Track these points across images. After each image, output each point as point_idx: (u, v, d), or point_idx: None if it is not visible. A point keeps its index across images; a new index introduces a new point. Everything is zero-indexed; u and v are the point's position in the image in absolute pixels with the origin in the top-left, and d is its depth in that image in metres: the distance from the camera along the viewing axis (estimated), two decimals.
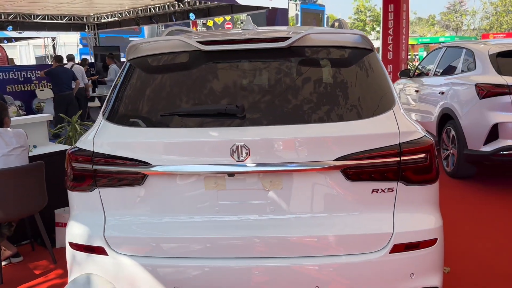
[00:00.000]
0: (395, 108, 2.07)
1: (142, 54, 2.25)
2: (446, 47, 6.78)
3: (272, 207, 2.00)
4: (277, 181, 1.98)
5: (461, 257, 3.52)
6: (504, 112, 4.85)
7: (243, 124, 1.97)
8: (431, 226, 2.04)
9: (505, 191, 5.09)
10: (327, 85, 2.12)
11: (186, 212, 2.03)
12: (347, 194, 1.99)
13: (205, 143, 1.96)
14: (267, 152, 1.93)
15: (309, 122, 1.97)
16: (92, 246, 2.06)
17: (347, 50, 2.22)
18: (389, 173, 1.97)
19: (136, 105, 2.16)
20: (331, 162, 1.93)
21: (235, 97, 2.07)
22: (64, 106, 9.59)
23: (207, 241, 2.00)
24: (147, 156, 1.98)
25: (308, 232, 1.99)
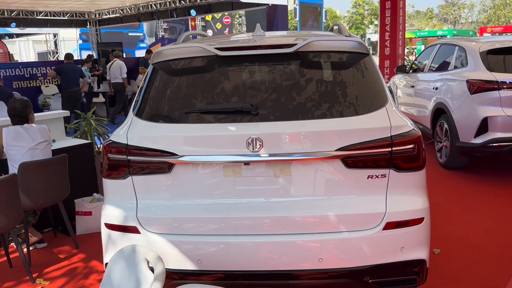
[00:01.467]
0: (387, 105, 2.38)
1: (165, 58, 2.55)
2: (440, 44, 7.07)
3: (281, 191, 2.32)
4: (286, 169, 2.29)
5: (451, 241, 3.85)
6: (493, 106, 5.16)
7: (256, 120, 2.28)
8: (419, 207, 2.36)
9: (494, 181, 5.42)
10: (328, 85, 2.43)
11: (207, 196, 2.35)
12: (346, 180, 2.31)
13: (224, 137, 2.28)
14: (277, 144, 2.25)
15: (313, 118, 2.29)
16: (126, 226, 2.38)
17: (346, 54, 2.53)
18: (382, 161, 2.28)
19: (161, 104, 2.47)
20: (332, 152, 2.25)
21: (248, 96, 2.38)
22: (71, 102, 9.88)
23: (225, 220, 2.32)
24: (174, 148, 2.29)
25: (313, 212, 2.31)
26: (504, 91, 5.08)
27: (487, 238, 3.90)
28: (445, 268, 3.38)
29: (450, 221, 4.29)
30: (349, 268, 2.31)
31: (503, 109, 5.07)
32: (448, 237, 3.92)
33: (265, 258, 2.31)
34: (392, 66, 10.41)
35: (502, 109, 5.08)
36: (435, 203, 4.71)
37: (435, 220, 4.20)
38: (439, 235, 3.93)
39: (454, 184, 5.39)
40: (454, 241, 3.84)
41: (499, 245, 3.74)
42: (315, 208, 2.31)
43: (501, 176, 5.62)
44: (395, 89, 8.56)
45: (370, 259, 2.31)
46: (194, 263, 2.33)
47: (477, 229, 4.08)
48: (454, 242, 3.83)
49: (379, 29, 11.00)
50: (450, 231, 4.04)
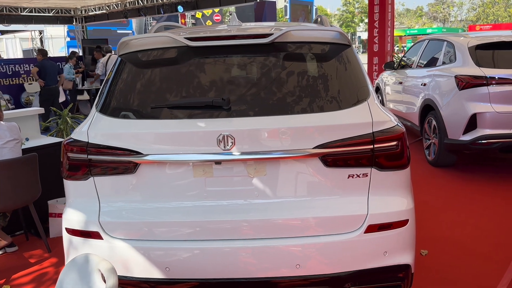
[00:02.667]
0: (369, 100, 2.23)
1: (132, 49, 2.38)
2: (429, 39, 6.96)
3: (256, 192, 2.15)
4: (260, 168, 2.13)
5: (439, 241, 3.72)
6: (482, 102, 5.04)
7: (228, 116, 2.11)
8: (403, 208, 2.21)
9: (483, 179, 5.31)
10: (306, 78, 2.27)
11: (176, 198, 2.18)
12: (325, 180, 2.15)
13: (193, 133, 2.10)
14: (251, 141, 2.08)
15: (289, 113, 2.12)
16: (88, 231, 2.20)
17: (326, 45, 2.37)
18: (363, 159, 2.13)
19: (128, 98, 2.29)
20: (310, 150, 2.09)
21: (221, 90, 2.21)
22: (50, 100, 9.67)
23: (196, 224, 2.15)
24: (139, 146, 2.12)
25: (289, 215, 2.15)
26: (493, 87, 4.97)
27: (476, 237, 3.77)
28: (433, 270, 3.25)
29: (438, 220, 4.16)
30: (329, 275, 2.16)
31: (492, 105, 4.96)
32: (436, 237, 3.79)
33: (236, 265, 2.14)
34: (380, 63, 10.29)
35: (491, 105, 4.97)
36: (423, 201, 4.59)
37: (423, 220, 4.08)
38: (427, 235, 3.80)
39: (442, 182, 5.27)
40: (442, 241, 3.71)
41: (489, 245, 3.62)
42: (291, 211, 2.15)
43: (490, 173, 5.51)
44: (383, 86, 8.45)
45: (351, 264, 2.15)
46: (162, 271, 2.16)
47: (466, 228, 3.96)
48: (442, 242, 3.70)
49: (368, 26, 10.88)
50: (438, 231, 3.92)
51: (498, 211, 4.33)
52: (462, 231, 3.91)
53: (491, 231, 3.90)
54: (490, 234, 3.83)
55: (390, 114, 2.29)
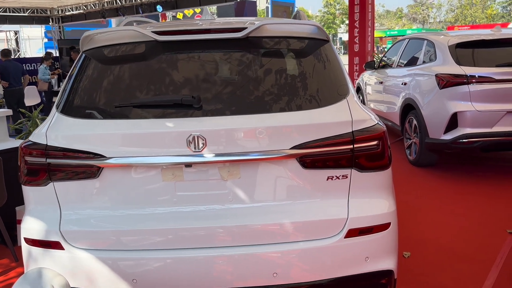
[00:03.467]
0: (349, 97, 2.12)
1: (97, 45, 2.22)
2: (409, 38, 6.93)
3: (230, 196, 2.02)
4: (234, 171, 1.99)
5: (422, 242, 3.64)
6: (463, 101, 5.01)
7: (199, 115, 1.98)
8: (384, 210, 2.10)
9: (465, 178, 5.28)
10: (282, 74, 2.14)
11: (144, 204, 2.03)
12: (303, 182, 2.03)
13: (161, 134, 1.96)
14: (223, 142, 1.95)
15: (264, 112, 1.99)
16: (47, 241, 2.03)
17: (303, 40, 2.25)
18: (342, 160, 2.01)
19: (90, 97, 2.13)
20: (286, 151, 1.96)
21: (192, 88, 2.07)
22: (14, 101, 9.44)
23: (165, 232, 2.00)
24: (101, 149, 1.96)
25: (266, 220, 2.02)
26: (474, 86, 4.93)
27: (458, 238, 3.71)
28: (416, 273, 3.16)
29: (420, 221, 4.09)
30: (309, 283, 2.03)
31: (472, 104, 4.93)
32: (419, 238, 3.72)
33: (209, 275, 2.00)
34: (361, 63, 10.27)
35: (471, 104, 4.93)
36: (405, 201, 4.52)
37: (405, 220, 4.01)
38: (409, 236, 3.72)
39: (424, 181, 5.22)
40: (425, 243, 3.64)
41: (471, 246, 3.56)
42: (268, 216, 2.03)
43: (471, 173, 5.49)
44: (364, 85, 8.41)
45: (331, 271, 2.03)
46: (128, 284, 2.00)
47: (449, 229, 3.89)
48: (424, 243, 3.63)
49: (348, 26, 10.86)
50: (420, 232, 3.84)
51: (479, 211, 4.28)
52: (444, 231, 3.85)
53: (473, 231, 3.84)
54: (472, 235, 3.77)
55: (370, 113, 2.19)
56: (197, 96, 1.98)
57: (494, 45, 5.27)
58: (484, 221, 4.04)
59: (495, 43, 5.28)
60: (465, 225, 3.96)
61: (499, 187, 4.92)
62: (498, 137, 4.93)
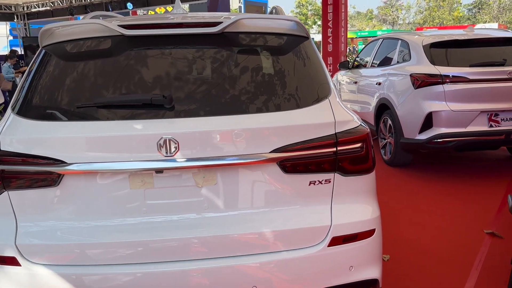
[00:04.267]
0: (331, 97, 2.00)
1: (58, 39, 2.03)
2: (383, 38, 6.92)
3: (206, 204, 1.87)
4: (210, 176, 1.85)
5: (401, 245, 3.57)
6: (437, 101, 5.00)
7: (171, 116, 1.82)
8: (368, 216, 2.00)
9: (440, 178, 5.28)
10: (260, 73, 2.01)
11: (110, 215, 1.85)
12: (284, 188, 1.90)
13: (128, 137, 1.79)
14: (198, 145, 1.80)
15: (242, 113, 1.86)
16: (2, 257, 1.83)
17: (282, 37, 2.13)
18: (325, 164, 1.90)
19: (50, 97, 1.94)
20: (266, 155, 1.83)
21: (163, 87, 1.91)
22: None
23: (134, 245, 1.84)
24: (62, 154, 1.77)
25: (244, 230, 1.88)
26: (448, 85, 4.93)
27: (437, 239, 3.66)
28: (396, 276, 3.09)
29: (398, 222, 4.04)
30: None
31: (447, 104, 4.93)
32: (397, 240, 3.65)
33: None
34: (335, 63, 10.26)
35: (446, 104, 4.93)
36: (381, 202, 4.45)
37: (383, 222, 3.93)
38: (388, 239, 3.63)
39: (399, 182, 5.19)
40: (404, 245, 3.58)
41: (450, 247, 3.52)
42: (247, 224, 1.89)
43: (446, 172, 5.50)
44: (338, 85, 8.38)
45: (314, 282, 1.91)
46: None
47: (427, 230, 3.85)
48: (403, 246, 3.56)
49: (322, 26, 10.84)
50: (399, 234, 3.78)
51: (455, 211, 4.27)
52: (422, 233, 3.80)
53: (450, 232, 3.81)
54: (450, 236, 3.73)
55: (353, 113, 2.08)
56: (169, 95, 1.82)
57: (467, 45, 5.30)
58: (461, 221, 4.02)
59: (469, 43, 5.31)
60: (441, 226, 3.93)
61: (473, 186, 4.94)
62: (472, 136, 4.94)
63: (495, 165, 5.83)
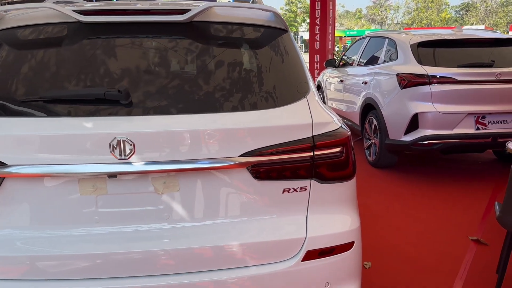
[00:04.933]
0: (309, 96, 1.82)
1: (5, 26, 1.81)
2: (370, 36, 6.78)
3: (167, 213, 1.68)
4: (172, 182, 1.65)
5: (383, 251, 3.42)
6: (424, 102, 4.87)
7: (127, 114, 1.62)
8: (347, 228, 1.83)
9: (425, 181, 5.15)
10: (232, 68, 1.82)
11: (58, 224, 1.64)
12: (255, 196, 1.71)
13: (78, 137, 1.58)
14: (157, 147, 1.60)
15: (208, 112, 1.66)
16: None
17: (258, 29, 1.94)
18: (301, 170, 1.72)
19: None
20: (234, 159, 1.64)
21: (120, 80, 1.71)
22: None
23: (83, 258, 1.63)
24: (2, 154, 1.56)
25: (210, 242, 1.69)
26: (435, 86, 4.80)
27: (421, 245, 3.52)
28: (378, 286, 2.93)
29: (380, 226, 3.88)
30: None
31: (434, 105, 4.79)
32: (379, 246, 3.50)
33: None
34: (322, 61, 10.11)
35: (433, 105, 4.80)
36: (363, 205, 4.31)
37: (365, 226, 3.79)
38: (369, 244, 3.49)
39: (383, 184, 5.05)
40: (386, 251, 3.42)
41: (434, 254, 3.37)
42: (213, 236, 1.70)
43: (431, 175, 5.38)
44: (324, 84, 8.22)
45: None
46: None
47: (410, 236, 3.70)
48: (385, 252, 3.41)
49: (309, 23, 10.67)
50: (381, 239, 3.63)
51: (439, 215, 4.14)
52: (405, 238, 3.65)
53: (434, 238, 3.67)
54: (434, 242, 3.59)
55: (333, 114, 1.90)
56: (125, 90, 1.62)
57: (455, 45, 5.17)
58: (446, 226, 3.89)
59: (457, 43, 5.18)
60: (425, 231, 3.79)
61: (458, 190, 4.82)
62: (459, 139, 4.82)
63: (480, 169, 5.73)
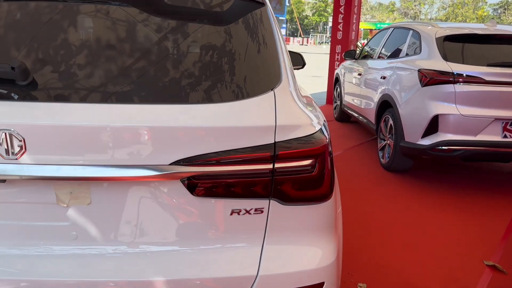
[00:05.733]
0: (278, 89, 1.39)
1: None
2: (394, 27, 6.23)
3: (75, 233, 1.29)
4: (81, 192, 1.26)
5: (383, 271, 2.98)
6: (446, 102, 4.34)
7: (22, 99, 1.22)
8: (314, 265, 1.40)
9: (441, 190, 4.64)
10: (177, 46, 1.40)
11: None
12: (191, 217, 1.30)
13: None
14: (58, 145, 1.20)
15: (134, 102, 1.26)
16: None
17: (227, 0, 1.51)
18: (256, 186, 1.30)
19: None
20: (164, 167, 1.23)
21: (23, 55, 1.31)
22: None
23: None
24: None
25: (129, 275, 1.29)
26: (460, 85, 4.26)
27: (425, 267, 3.06)
28: None
29: (383, 240, 3.43)
30: None
31: (457, 107, 4.26)
32: (380, 265, 3.05)
33: None
34: (343, 52, 9.53)
35: (456, 107, 4.27)
36: (369, 213, 3.86)
37: (366, 239, 3.35)
38: (368, 262, 3.06)
39: (394, 191, 4.56)
40: (386, 272, 2.98)
41: (440, 279, 2.91)
42: (134, 267, 1.30)
43: (447, 184, 4.85)
44: (342, 77, 7.71)
45: None
46: None
47: (416, 254, 3.24)
48: (385, 272, 2.97)
49: (333, 11, 10.07)
50: (383, 256, 3.18)
51: (452, 232, 3.65)
52: (410, 256, 3.19)
53: (443, 259, 3.19)
54: (442, 264, 3.12)
55: (314, 114, 1.47)
56: (20, 66, 1.22)
57: (487, 41, 4.60)
58: (457, 246, 3.40)
59: (489, 38, 4.61)
60: (435, 250, 3.32)
61: (476, 204, 4.29)
62: (483, 147, 4.29)
63: (504, 181, 5.16)
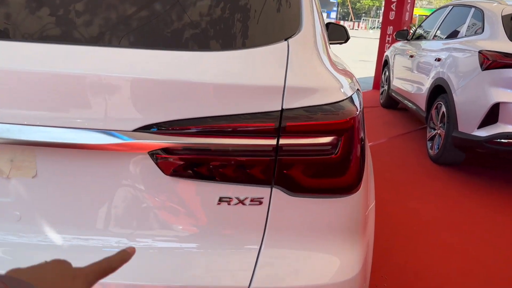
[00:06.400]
0: (295, 39, 1.04)
1: None
2: (453, 5, 5.61)
3: (18, 213, 1.01)
4: (24, 161, 0.97)
5: (423, 277, 2.58)
6: (510, 89, 3.80)
7: None
8: (328, 279, 1.05)
9: (496, 189, 4.11)
10: None
11: None
12: (162, 205, 0.99)
13: None
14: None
15: (101, 43, 0.95)
16: None
17: None
18: (253, 168, 0.96)
19: None
20: (126, 134, 0.92)
21: None
22: None
23: None
24: None
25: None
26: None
27: (475, 279, 2.63)
28: None
29: (427, 243, 3.00)
30: None
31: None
32: (421, 271, 2.65)
33: None
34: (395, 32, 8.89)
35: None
36: (411, 209, 3.43)
37: (406, 239, 2.94)
38: (406, 266, 2.66)
39: (442, 187, 4.08)
40: (423, 278, 2.58)
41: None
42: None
43: (505, 183, 4.30)
44: (392, 59, 7.14)
45: None
46: None
47: (462, 260, 2.80)
48: (422, 279, 2.56)
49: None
50: (425, 262, 2.77)
51: (509, 238, 3.16)
52: (456, 263, 2.76)
53: (498, 270, 2.74)
54: (497, 276, 2.67)
55: (344, 75, 1.11)
56: None
57: None
58: (510, 253, 2.93)
59: None
60: (485, 257, 2.86)
61: None
62: None
63: None
